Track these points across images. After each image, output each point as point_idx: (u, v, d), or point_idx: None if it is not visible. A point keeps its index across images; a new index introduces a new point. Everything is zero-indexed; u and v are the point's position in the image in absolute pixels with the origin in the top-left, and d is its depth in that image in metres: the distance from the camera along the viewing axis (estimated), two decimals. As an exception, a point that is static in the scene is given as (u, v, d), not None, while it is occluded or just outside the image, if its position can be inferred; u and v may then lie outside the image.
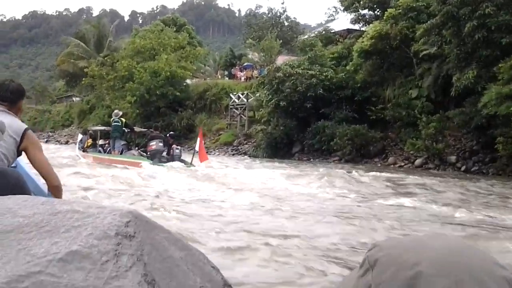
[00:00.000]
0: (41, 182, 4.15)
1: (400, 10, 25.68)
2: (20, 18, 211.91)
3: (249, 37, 47.67)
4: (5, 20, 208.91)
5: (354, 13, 31.04)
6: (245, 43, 52.55)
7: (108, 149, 20.75)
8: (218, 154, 33.04)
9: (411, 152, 24.54)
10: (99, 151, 21.47)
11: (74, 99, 73.46)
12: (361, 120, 26.84)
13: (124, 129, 20.55)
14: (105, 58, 47.37)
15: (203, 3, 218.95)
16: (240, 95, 37.67)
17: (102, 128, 23.96)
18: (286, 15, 51.26)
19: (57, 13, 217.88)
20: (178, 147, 19.59)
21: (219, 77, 51.89)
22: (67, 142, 50.04)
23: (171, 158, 18.56)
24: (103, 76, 44.34)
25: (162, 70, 40.22)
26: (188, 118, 40.40)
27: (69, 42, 62.18)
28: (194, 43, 49.66)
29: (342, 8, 32.03)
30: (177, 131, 34.62)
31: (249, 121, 36.62)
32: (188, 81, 44.65)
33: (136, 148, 21.23)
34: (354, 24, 31.90)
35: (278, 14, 50.81)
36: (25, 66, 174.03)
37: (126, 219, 1.44)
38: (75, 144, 47.40)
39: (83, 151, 22.40)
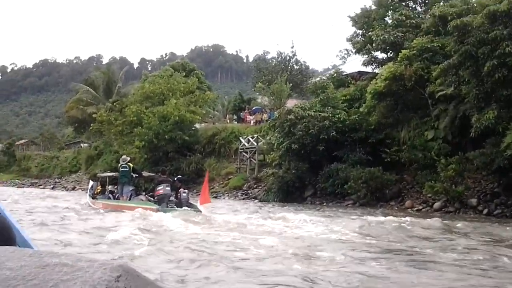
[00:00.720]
0: (25, 233, 3.53)
1: (415, 51, 25.28)
2: (31, 66, 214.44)
3: (258, 81, 47.52)
4: (16, 68, 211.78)
5: (366, 56, 30.66)
6: (255, 87, 52.54)
7: (117, 195, 20.47)
8: (227, 199, 32.22)
9: (429, 195, 23.69)
10: (108, 197, 21.20)
11: (82, 145, 73.43)
12: (375, 163, 26.08)
13: (132, 174, 20.31)
14: (114, 104, 47.18)
15: (211, 49, 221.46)
16: (250, 139, 37.12)
17: (111, 174, 23.78)
18: (296, 59, 51.30)
19: (68, 61, 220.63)
20: (186, 191, 18.86)
21: (228, 121, 51.64)
22: (73, 188, 49.37)
23: (179, 202, 18.00)
24: (111, 122, 44.00)
25: (171, 114, 39.86)
26: (197, 163, 39.76)
27: (78, 89, 62.48)
28: (204, 88, 49.52)
29: (353, 51, 31.70)
30: (186, 175, 33.92)
31: (259, 164, 35.99)
32: (197, 125, 44.31)
33: (144, 193, 20.88)
34: (366, 66, 31.52)
35: (288, 58, 50.89)
36: (34, 113, 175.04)
37: (116, 274, 1.19)
38: (82, 190, 47.33)
39: (93, 198, 22.21)
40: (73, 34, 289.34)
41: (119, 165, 20.45)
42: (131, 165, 20.61)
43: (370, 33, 29.27)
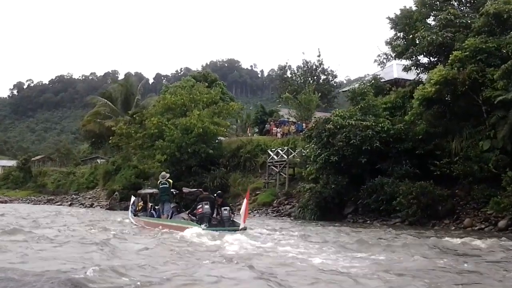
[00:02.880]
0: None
1: (467, 53, 22.85)
2: (47, 82, 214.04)
3: (284, 91, 45.30)
4: (32, 85, 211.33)
5: (407, 60, 28.24)
6: (279, 98, 50.46)
7: (158, 212, 19.76)
8: (258, 216, 29.84)
9: (488, 212, 21.18)
10: (151, 215, 20.46)
11: (98, 160, 71.86)
12: (422, 176, 23.62)
13: (172, 191, 19.41)
14: (134, 116, 45.10)
15: (226, 64, 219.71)
16: (280, 151, 34.79)
17: (151, 191, 23.33)
18: (322, 68, 49.06)
19: (83, 77, 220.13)
20: (227, 208, 17.23)
21: (249, 134, 49.58)
22: (92, 205, 47.24)
23: (221, 220, 16.66)
24: (131, 135, 41.99)
25: (194, 126, 37.78)
26: (221, 177, 37.53)
27: (95, 102, 60.59)
28: (226, 99, 47.32)
29: (393, 55, 29.24)
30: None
31: (289, 179, 33.67)
32: (220, 138, 42.10)
33: (184, 210, 19.53)
34: (407, 72, 29.15)
35: (314, 67, 48.68)
36: (50, 130, 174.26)
37: None
38: (101, 207, 45.15)
39: (134, 215, 21.93)
40: (89, 50, 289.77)
41: (159, 182, 19.62)
42: (171, 181, 19.58)
43: (414, 34, 26.90)
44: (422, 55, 27.18)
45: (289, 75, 51.16)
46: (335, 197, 25.28)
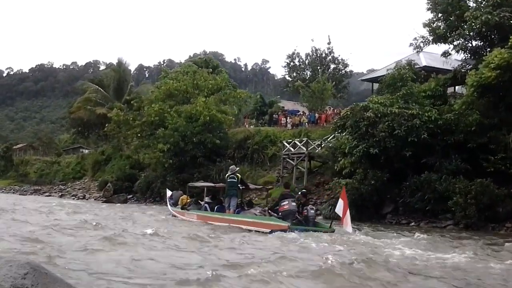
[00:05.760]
0: None
1: (532, 33, 20.11)
2: (27, 71, 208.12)
3: (294, 80, 42.20)
4: (12, 73, 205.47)
5: (450, 44, 25.42)
6: (287, 87, 47.46)
7: (216, 207, 19.22)
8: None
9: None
10: (205, 209, 19.66)
11: (82, 150, 68.47)
12: (474, 173, 20.83)
13: (239, 186, 18.48)
14: (132, 102, 41.59)
15: (204, 59, 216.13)
16: (297, 143, 31.77)
17: (209, 184, 22.43)
18: (332, 56, 46.03)
19: (64, 66, 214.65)
20: (313, 207, 16.52)
21: (247, 126, 46.68)
22: (84, 197, 43.79)
23: (306, 219, 15.60)
24: (128, 122, 38.57)
25: (201, 114, 34.60)
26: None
27: (86, 88, 56.73)
28: (229, 87, 44.08)
29: (431, 39, 26.32)
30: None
31: (307, 172, 30.77)
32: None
33: (254, 206, 19.29)
34: (447, 57, 26.36)
35: (324, 55, 45.64)
36: (29, 119, 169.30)
37: (23, 271, 1.43)
38: (95, 199, 41.68)
39: (182, 208, 21.20)
40: (70, 40, 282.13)
41: (227, 175, 18.84)
42: (239, 175, 18.78)
43: (460, 15, 24.06)
44: (471, 38, 24.29)
45: (297, 63, 48.13)
46: (374, 194, 22.32)
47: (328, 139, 30.29)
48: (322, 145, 30.42)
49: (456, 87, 29.12)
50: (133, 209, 28.68)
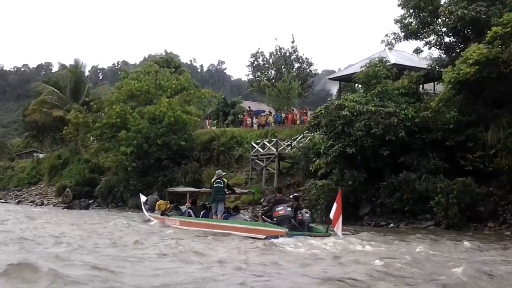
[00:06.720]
0: None
1: (509, 29, 19.69)
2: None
3: (260, 80, 41.29)
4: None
5: (421, 40, 24.97)
6: (252, 86, 46.58)
7: (202, 212, 18.77)
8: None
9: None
10: (189, 214, 19.07)
11: (36, 154, 65.72)
12: (454, 172, 20.34)
13: (225, 191, 17.97)
14: (91, 104, 39.83)
15: (165, 58, 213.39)
16: (267, 143, 30.88)
17: (192, 189, 22.16)
18: (297, 55, 45.29)
19: (15, 69, 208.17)
20: (308, 211, 15.94)
21: (209, 127, 45.68)
22: (42, 203, 41.71)
23: (301, 224, 14.93)
24: (88, 124, 36.85)
25: (164, 115, 33.30)
26: (194, 172, 33.30)
27: (41, 90, 54.25)
28: (193, 87, 42.77)
29: (402, 36, 25.80)
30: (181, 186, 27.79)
31: (277, 174, 29.90)
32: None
33: (240, 212, 19.10)
34: (418, 54, 25.92)
35: (288, 54, 44.84)
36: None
37: None
38: (54, 205, 39.56)
39: (162, 214, 20.43)
40: (21, 42, 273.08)
41: (213, 180, 18.19)
42: (225, 180, 18.39)
43: (433, 11, 23.61)
44: (445, 34, 23.86)
45: (261, 63, 47.23)
46: (351, 195, 21.55)
47: (298, 139, 29.54)
48: (292, 145, 29.67)
49: (428, 84, 28.80)
50: (95, 216, 26.95)
